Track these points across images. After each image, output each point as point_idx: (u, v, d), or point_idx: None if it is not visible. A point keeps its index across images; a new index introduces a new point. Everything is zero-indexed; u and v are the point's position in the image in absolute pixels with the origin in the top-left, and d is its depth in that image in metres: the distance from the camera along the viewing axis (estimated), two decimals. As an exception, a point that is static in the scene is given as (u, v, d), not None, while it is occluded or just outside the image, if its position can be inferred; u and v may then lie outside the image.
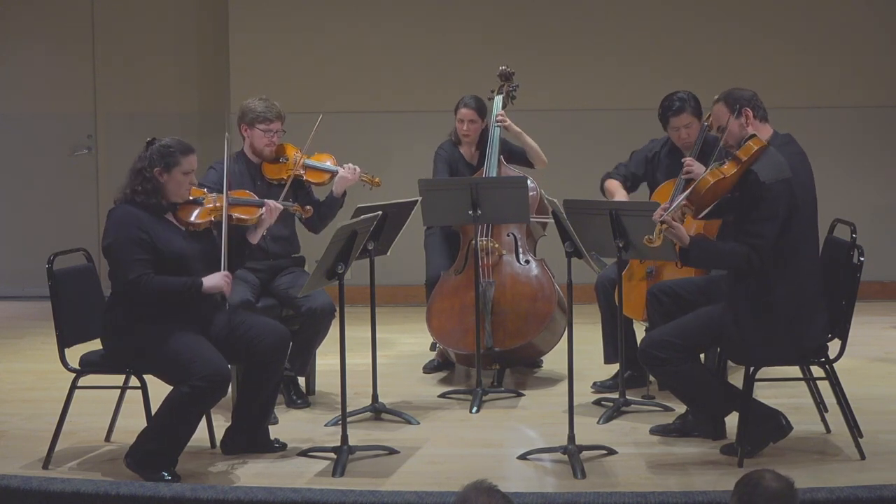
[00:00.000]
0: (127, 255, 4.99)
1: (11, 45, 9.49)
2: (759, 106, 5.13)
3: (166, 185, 5.11)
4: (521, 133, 6.76)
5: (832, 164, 8.80)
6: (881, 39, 9.00)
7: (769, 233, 4.91)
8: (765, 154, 4.97)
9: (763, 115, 5.14)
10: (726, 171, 4.96)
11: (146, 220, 5.06)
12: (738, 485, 3.37)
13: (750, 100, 5.12)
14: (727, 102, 5.12)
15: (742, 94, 5.13)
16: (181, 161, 5.11)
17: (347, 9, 9.11)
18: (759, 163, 4.95)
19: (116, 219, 5.09)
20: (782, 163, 4.97)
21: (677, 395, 5.31)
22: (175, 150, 5.11)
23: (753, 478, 3.34)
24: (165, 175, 5.10)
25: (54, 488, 4.58)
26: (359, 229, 5.18)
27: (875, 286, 8.72)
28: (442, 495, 4.46)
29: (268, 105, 6.13)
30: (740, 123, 5.09)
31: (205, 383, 4.88)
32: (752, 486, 3.32)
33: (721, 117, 5.14)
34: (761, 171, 4.91)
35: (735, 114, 5.08)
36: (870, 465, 5.04)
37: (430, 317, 6.60)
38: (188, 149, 5.15)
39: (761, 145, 4.98)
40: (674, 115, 6.16)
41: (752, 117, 5.10)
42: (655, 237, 4.94)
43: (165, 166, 5.09)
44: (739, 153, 4.98)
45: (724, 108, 5.12)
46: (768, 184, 4.89)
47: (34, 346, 7.67)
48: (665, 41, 8.99)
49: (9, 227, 9.56)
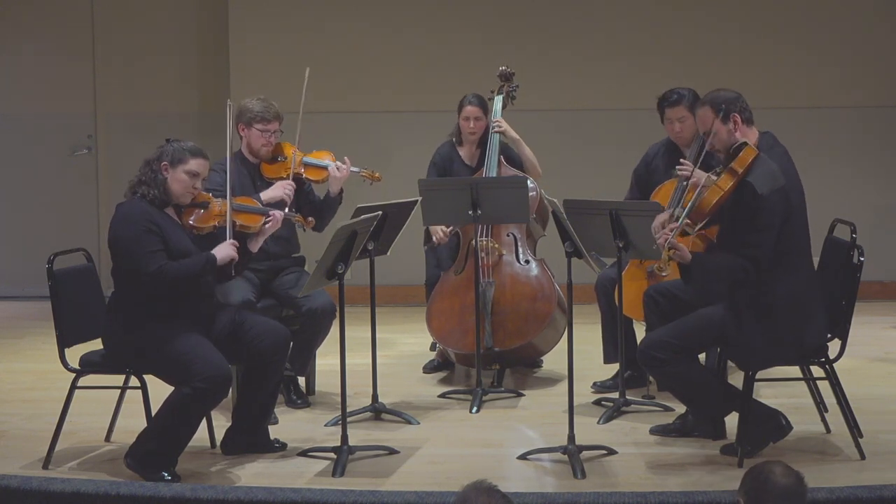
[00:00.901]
0: (142, 247, 4.98)
1: (11, 45, 9.49)
2: (745, 108, 5.09)
3: (169, 182, 5.11)
4: (519, 141, 6.74)
5: (832, 164, 8.81)
6: (881, 39, 9.00)
7: (766, 242, 4.91)
8: (758, 163, 4.95)
9: (749, 117, 5.11)
10: (723, 186, 4.93)
11: (155, 216, 5.07)
12: (747, 477, 3.34)
13: (736, 102, 5.08)
14: (713, 106, 5.08)
15: (727, 97, 5.09)
16: (188, 161, 5.12)
17: (347, 9, 9.11)
18: (754, 173, 4.92)
19: (126, 213, 5.09)
20: (775, 171, 4.95)
21: (677, 395, 5.31)
22: (186, 150, 5.14)
23: (763, 472, 3.31)
24: (170, 171, 5.11)
25: (54, 488, 4.58)
26: (359, 229, 5.18)
27: (875, 286, 8.72)
28: (442, 495, 4.46)
29: (265, 105, 6.11)
30: (728, 129, 5.06)
31: (206, 384, 4.88)
32: (761, 481, 3.29)
33: (707, 121, 5.11)
34: (757, 183, 4.89)
35: (722, 118, 5.05)
36: (870, 465, 5.04)
37: (430, 317, 6.61)
38: (199, 153, 5.16)
39: (754, 155, 4.96)
40: (669, 107, 6.17)
41: (741, 123, 5.07)
42: (665, 266, 4.94)
43: (172, 162, 5.11)
44: (735, 165, 4.94)
45: (710, 112, 5.08)
46: (765, 195, 4.88)
47: (34, 346, 7.67)
48: (665, 41, 8.99)
49: (9, 227, 9.56)
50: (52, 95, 9.46)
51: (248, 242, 5.38)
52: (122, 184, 5.32)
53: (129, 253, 5.02)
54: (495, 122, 6.70)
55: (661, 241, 4.97)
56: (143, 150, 5.41)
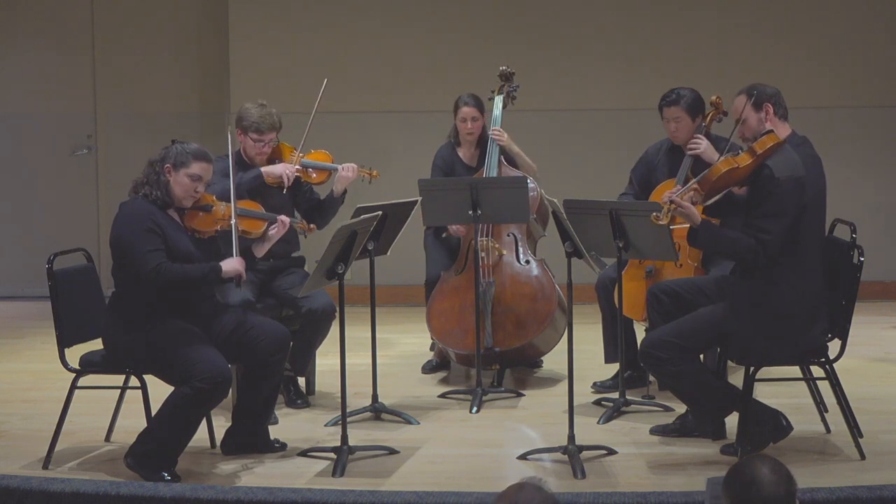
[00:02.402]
0: (142, 246, 4.98)
1: (11, 45, 9.50)
2: (780, 104, 5.16)
3: (171, 184, 5.11)
4: (521, 154, 6.71)
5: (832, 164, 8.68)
6: (881, 39, 9.01)
7: (776, 229, 4.91)
8: (780, 150, 4.98)
9: (783, 113, 5.16)
10: (740, 162, 4.96)
11: (158, 216, 5.07)
12: (729, 479, 3.06)
13: (772, 96, 5.15)
14: (749, 95, 5.14)
15: (765, 90, 5.16)
16: (191, 164, 5.11)
17: (347, 9, 9.11)
18: (774, 158, 4.96)
19: (128, 212, 5.09)
20: (797, 161, 4.98)
21: (677, 395, 5.31)
22: (189, 153, 5.12)
23: (747, 474, 3.03)
24: (173, 173, 5.11)
25: (54, 488, 4.57)
26: (359, 229, 5.18)
27: (875, 286, 8.71)
28: (442, 495, 4.46)
29: (263, 114, 6.03)
30: (759, 118, 5.11)
31: (206, 384, 4.88)
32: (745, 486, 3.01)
33: (740, 108, 5.15)
34: (776, 167, 4.92)
35: (754, 104, 5.09)
36: (870, 465, 5.04)
37: (430, 317, 6.61)
38: (203, 156, 5.15)
39: (777, 141, 4.98)
40: (665, 106, 6.19)
41: (773, 114, 5.11)
42: (663, 215, 4.94)
43: (175, 164, 5.11)
44: (755, 146, 4.98)
45: (744, 100, 5.14)
46: (781, 179, 4.90)
47: (34, 346, 7.67)
48: (665, 41, 9.00)
49: (9, 227, 9.56)
50: (52, 95, 9.46)
51: (254, 247, 5.38)
52: (122, 184, 5.33)
53: (128, 250, 5.01)
54: (495, 131, 6.68)
55: (664, 198, 4.99)
56: (143, 150, 5.43)
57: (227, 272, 5.09)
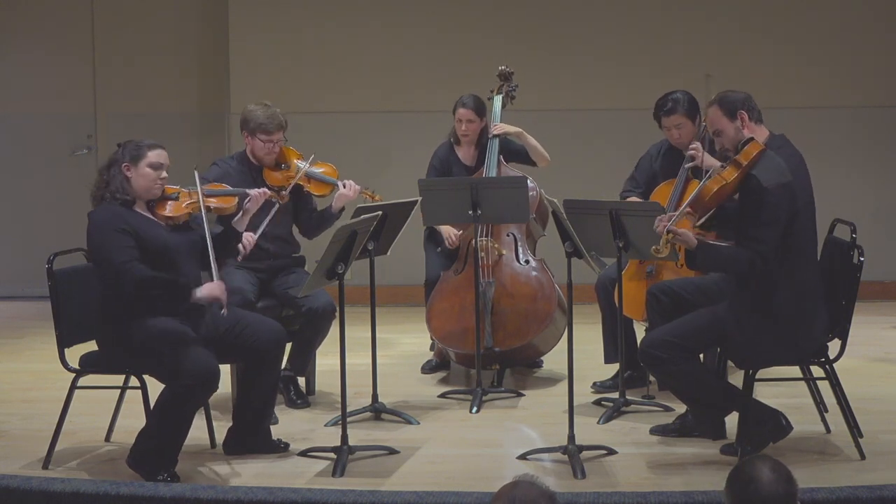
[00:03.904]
0: (113, 244, 4.97)
1: (11, 45, 9.49)
2: (753, 108, 5.12)
3: (134, 181, 5.11)
4: (522, 133, 6.75)
5: (832, 164, 8.80)
6: (880, 39, 9.01)
7: (771, 238, 4.90)
8: (764, 157, 4.96)
9: (758, 116, 5.13)
10: (727, 177, 4.95)
11: (127, 215, 5.07)
12: (731, 480, 3.16)
13: (744, 102, 5.11)
14: (721, 106, 5.11)
15: (736, 97, 5.12)
16: (147, 154, 5.12)
17: (347, 9, 9.11)
18: (759, 167, 4.94)
19: (96, 218, 5.09)
20: (782, 166, 4.96)
21: (677, 395, 5.31)
22: (142, 146, 5.15)
23: (747, 474, 3.12)
24: (133, 169, 5.11)
25: (54, 488, 4.58)
26: (359, 229, 5.18)
27: (875, 286, 8.72)
28: (442, 495, 4.46)
29: (269, 114, 6.06)
30: (736, 127, 5.08)
31: (193, 380, 4.88)
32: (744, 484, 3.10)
33: (716, 121, 5.13)
34: (762, 176, 4.90)
35: (728, 115, 5.07)
36: (870, 465, 5.04)
37: (430, 317, 6.61)
38: (155, 144, 5.18)
39: (760, 149, 4.97)
40: (665, 115, 6.17)
41: (748, 120, 5.09)
42: (662, 247, 4.94)
43: (132, 160, 5.12)
44: (739, 157, 4.96)
45: (718, 112, 5.11)
46: (770, 188, 4.88)
47: (34, 346, 7.66)
48: (664, 41, 9.00)
49: (9, 227, 9.56)
50: (52, 95, 9.45)
51: (235, 223, 5.40)
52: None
53: (101, 252, 5.03)
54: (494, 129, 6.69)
55: (659, 229, 4.98)
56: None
57: (202, 298, 5.06)
